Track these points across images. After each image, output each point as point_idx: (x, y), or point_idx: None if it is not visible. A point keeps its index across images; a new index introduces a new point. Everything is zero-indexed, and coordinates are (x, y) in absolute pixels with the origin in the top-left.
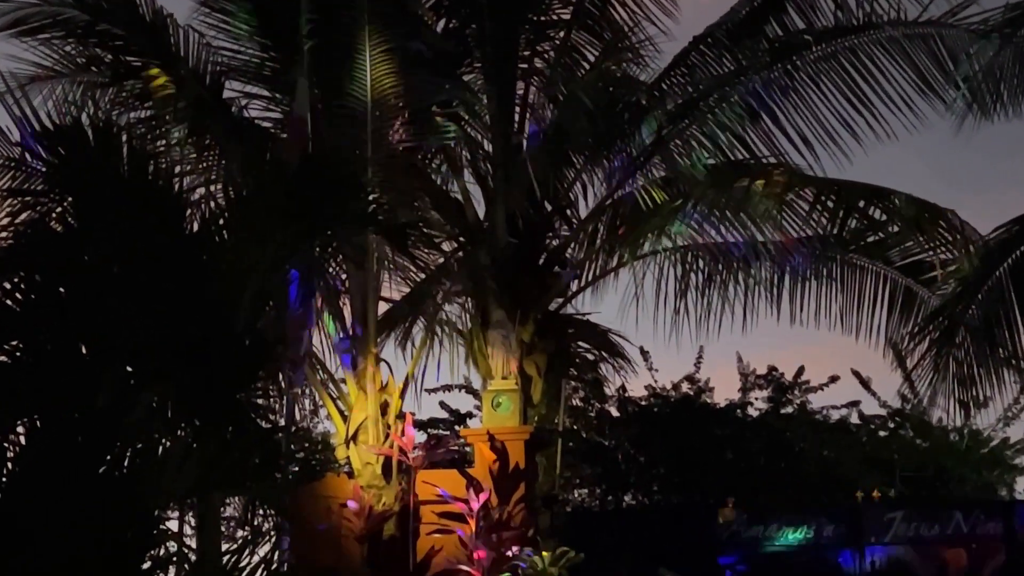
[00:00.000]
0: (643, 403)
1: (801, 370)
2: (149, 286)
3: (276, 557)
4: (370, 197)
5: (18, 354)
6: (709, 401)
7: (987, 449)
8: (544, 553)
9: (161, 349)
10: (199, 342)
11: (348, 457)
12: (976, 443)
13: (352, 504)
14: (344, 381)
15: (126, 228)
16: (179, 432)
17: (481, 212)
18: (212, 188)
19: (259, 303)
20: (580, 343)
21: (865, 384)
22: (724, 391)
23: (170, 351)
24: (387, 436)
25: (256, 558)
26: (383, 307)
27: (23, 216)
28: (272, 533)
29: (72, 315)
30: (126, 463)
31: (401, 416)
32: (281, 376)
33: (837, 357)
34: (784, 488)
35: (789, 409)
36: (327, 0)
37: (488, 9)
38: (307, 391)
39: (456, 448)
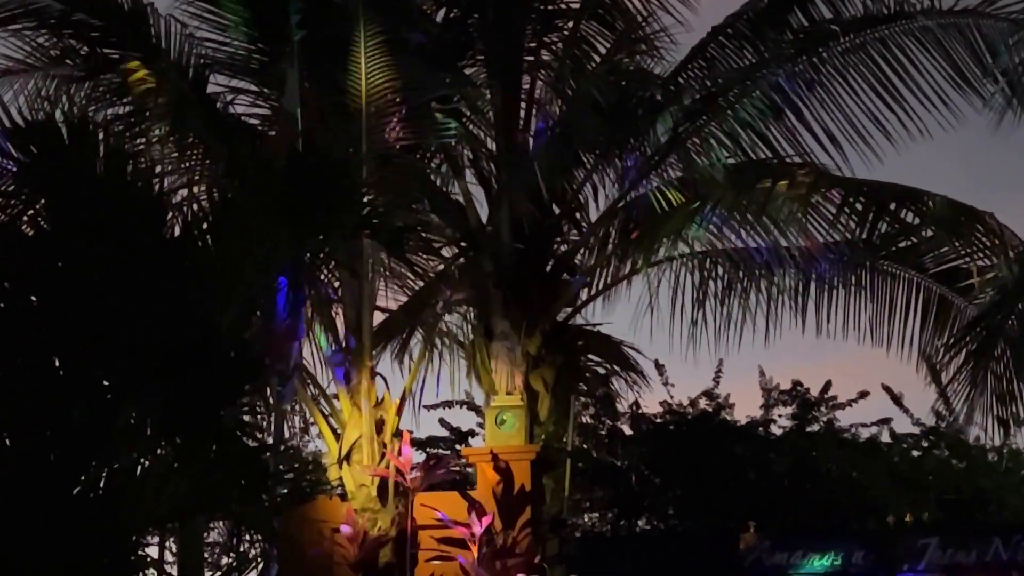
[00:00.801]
0: (658, 420)
1: (828, 385)
2: (127, 294)
3: None
4: (364, 199)
5: None
6: (729, 418)
7: None
8: None
9: (140, 362)
10: (181, 354)
11: (341, 478)
12: (1016, 464)
13: (345, 529)
14: (337, 397)
15: (103, 232)
16: (159, 451)
17: (484, 215)
18: (195, 189)
19: (245, 312)
20: (590, 356)
21: (897, 400)
22: (745, 407)
23: (150, 364)
24: (383, 456)
25: None
26: (379, 317)
27: None
28: (259, 560)
29: (45, 325)
30: (102, 484)
31: (398, 434)
32: (269, 391)
33: (867, 371)
34: (810, 512)
35: (815, 427)
36: None
37: None
38: (297, 407)
39: (457, 469)
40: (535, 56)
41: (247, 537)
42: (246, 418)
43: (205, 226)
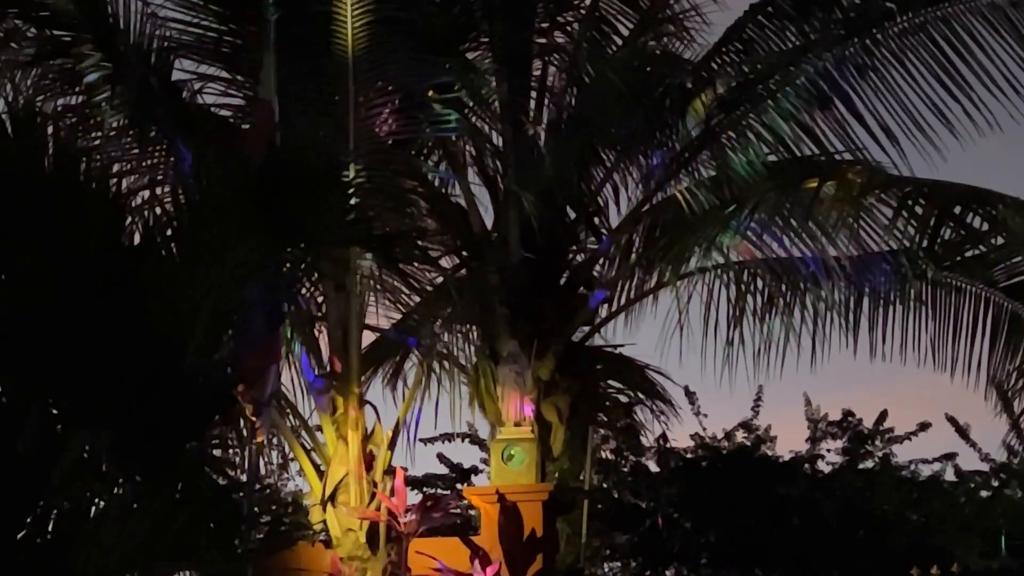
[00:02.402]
0: (688, 456)
1: (883, 415)
2: (79, 310)
3: None
4: (352, 201)
5: None
6: (770, 453)
7: None
8: None
9: (95, 387)
10: (140, 379)
11: (325, 522)
12: None
13: None
14: (320, 428)
15: (50, 239)
16: (116, 489)
17: (489, 220)
18: (158, 191)
19: (215, 332)
20: (611, 382)
21: (962, 433)
22: (788, 441)
23: (105, 390)
24: (373, 496)
25: None
26: (368, 337)
27: None
28: None
29: None
30: (51, 527)
31: (390, 471)
32: (242, 422)
33: (928, 399)
34: (864, 560)
35: (869, 463)
36: None
37: None
38: (274, 440)
39: (458, 511)
40: (547, 38)
41: None
42: (216, 452)
43: (169, 232)
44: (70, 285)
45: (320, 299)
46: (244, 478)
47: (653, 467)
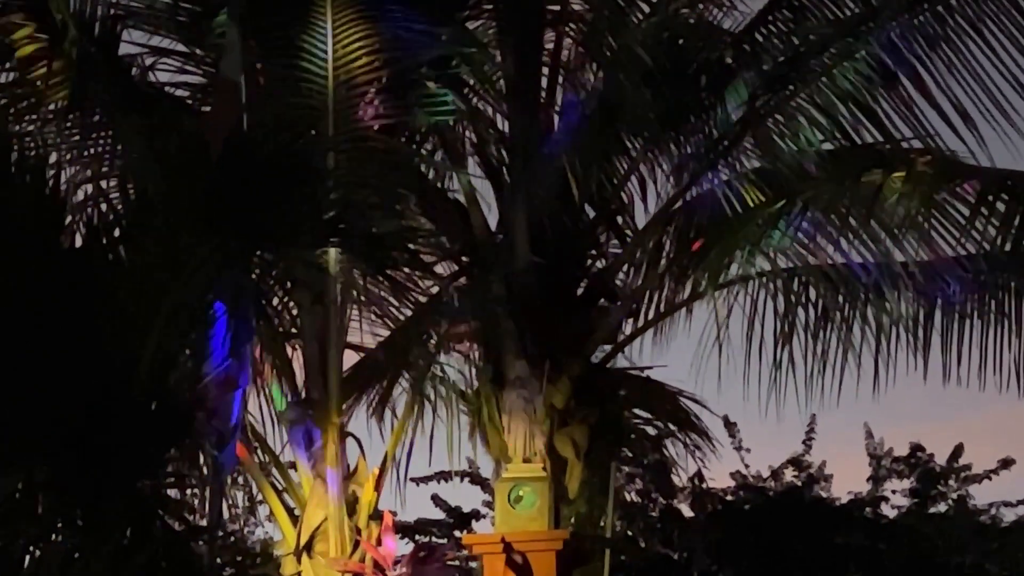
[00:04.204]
0: (729, 498)
1: (959, 450)
2: (8, 324)
3: None
4: (331, 196)
5: None
6: (825, 495)
7: None
8: None
9: (28, 415)
10: (83, 406)
11: (300, 574)
12: None
13: None
14: (294, 465)
15: None
16: (54, 535)
17: (493, 219)
18: (103, 184)
19: (170, 350)
20: (637, 410)
21: None
22: (846, 480)
23: (41, 418)
24: (356, 545)
25: None
26: (351, 358)
27: None
28: None
29: None
30: None
31: (377, 516)
32: (202, 457)
33: (1012, 431)
34: None
35: (942, 507)
36: None
37: None
38: (240, 479)
39: (456, 563)
40: (562, 5)
41: None
42: (171, 493)
43: (116, 233)
44: None
45: (294, 312)
46: (204, 523)
47: (687, 511)
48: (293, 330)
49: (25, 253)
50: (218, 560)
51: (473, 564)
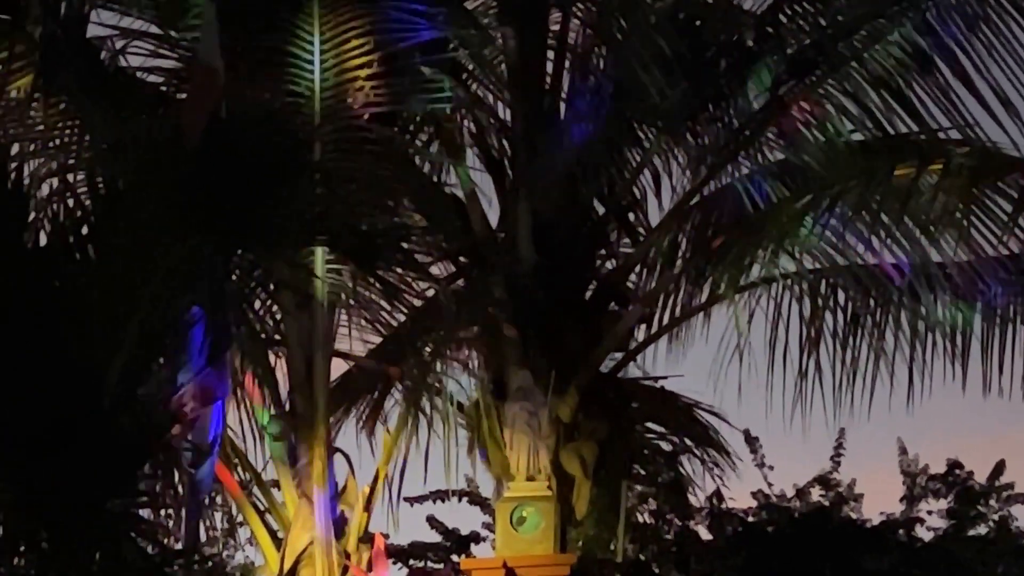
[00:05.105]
0: (750, 519)
1: (1000, 467)
2: None
3: None
4: (317, 191)
5: None
6: (855, 516)
7: None
8: None
9: None
10: (49, 420)
11: None
12: None
13: None
14: (277, 484)
15: None
16: (16, 559)
17: (494, 216)
18: (70, 177)
19: (143, 358)
20: (650, 424)
21: None
22: (878, 500)
23: (3, 433)
24: (345, 570)
25: None
26: (339, 367)
27: None
28: None
29: None
30: None
31: (367, 539)
32: (177, 475)
33: None
34: None
35: (982, 529)
36: None
37: None
38: (219, 498)
39: None
40: None
41: None
42: (144, 513)
43: (84, 230)
44: None
45: (278, 317)
46: (180, 547)
47: (704, 534)
48: (276, 337)
49: None
50: None
51: None
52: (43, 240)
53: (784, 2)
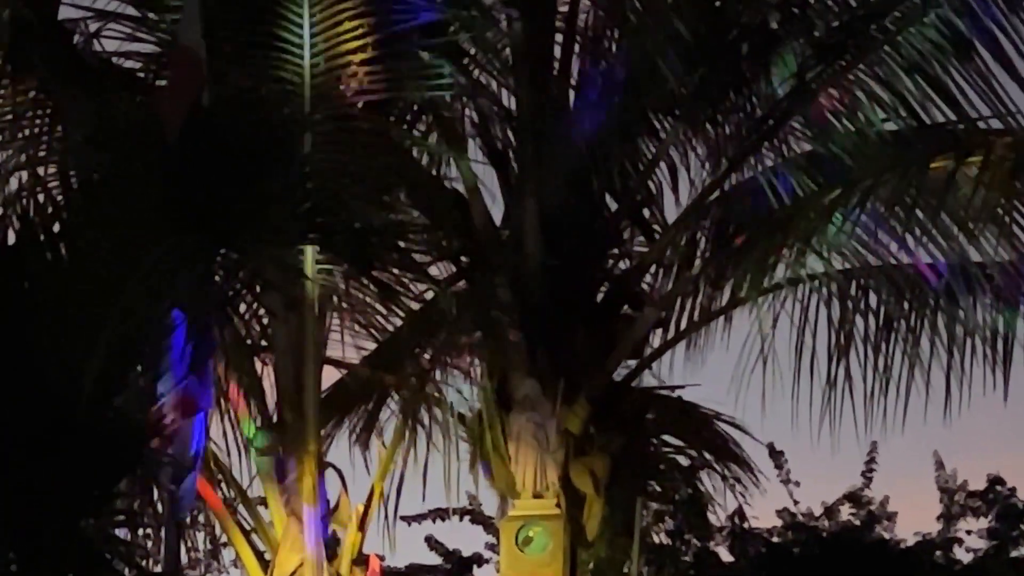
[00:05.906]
0: (775, 539)
1: None
2: None
3: None
4: (308, 185)
5: None
6: (888, 536)
7: None
8: None
9: None
10: (17, 433)
11: None
12: None
13: None
14: (264, 501)
15: None
16: None
17: (497, 213)
18: (40, 170)
19: (119, 366)
20: (666, 437)
21: None
22: (913, 519)
23: None
24: None
25: None
26: (331, 375)
27: None
28: None
29: None
30: None
31: (361, 561)
32: (156, 492)
33: None
34: None
35: None
36: None
37: None
38: (201, 517)
39: None
40: None
41: None
42: (121, 533)
43: (56, 227)
44: None
45: (265, 321)
46: (160, 568)
47: (725, 555)
48: (263, 343)
49: None
50: None
51: None
52: (11, 238)
53: None
